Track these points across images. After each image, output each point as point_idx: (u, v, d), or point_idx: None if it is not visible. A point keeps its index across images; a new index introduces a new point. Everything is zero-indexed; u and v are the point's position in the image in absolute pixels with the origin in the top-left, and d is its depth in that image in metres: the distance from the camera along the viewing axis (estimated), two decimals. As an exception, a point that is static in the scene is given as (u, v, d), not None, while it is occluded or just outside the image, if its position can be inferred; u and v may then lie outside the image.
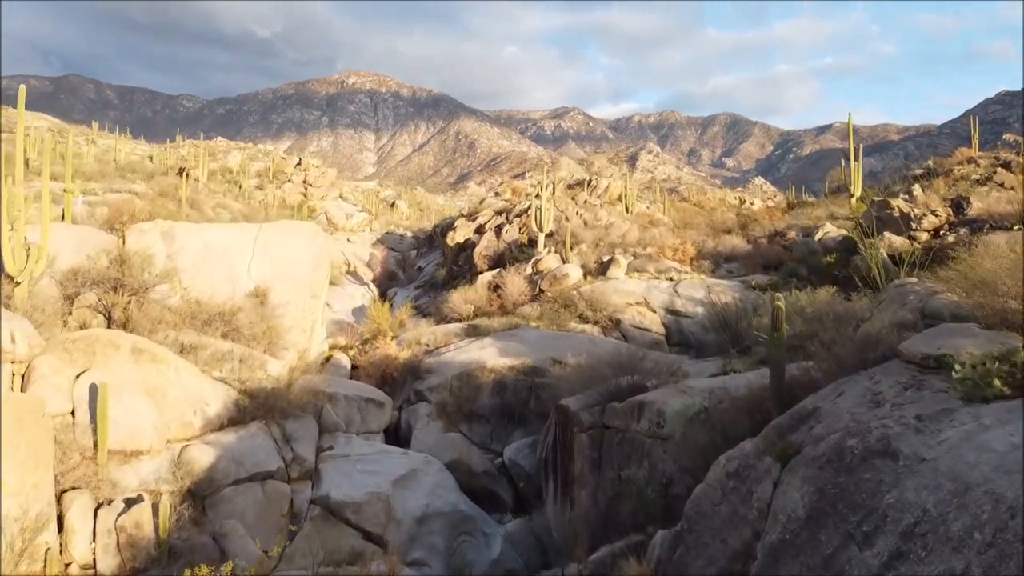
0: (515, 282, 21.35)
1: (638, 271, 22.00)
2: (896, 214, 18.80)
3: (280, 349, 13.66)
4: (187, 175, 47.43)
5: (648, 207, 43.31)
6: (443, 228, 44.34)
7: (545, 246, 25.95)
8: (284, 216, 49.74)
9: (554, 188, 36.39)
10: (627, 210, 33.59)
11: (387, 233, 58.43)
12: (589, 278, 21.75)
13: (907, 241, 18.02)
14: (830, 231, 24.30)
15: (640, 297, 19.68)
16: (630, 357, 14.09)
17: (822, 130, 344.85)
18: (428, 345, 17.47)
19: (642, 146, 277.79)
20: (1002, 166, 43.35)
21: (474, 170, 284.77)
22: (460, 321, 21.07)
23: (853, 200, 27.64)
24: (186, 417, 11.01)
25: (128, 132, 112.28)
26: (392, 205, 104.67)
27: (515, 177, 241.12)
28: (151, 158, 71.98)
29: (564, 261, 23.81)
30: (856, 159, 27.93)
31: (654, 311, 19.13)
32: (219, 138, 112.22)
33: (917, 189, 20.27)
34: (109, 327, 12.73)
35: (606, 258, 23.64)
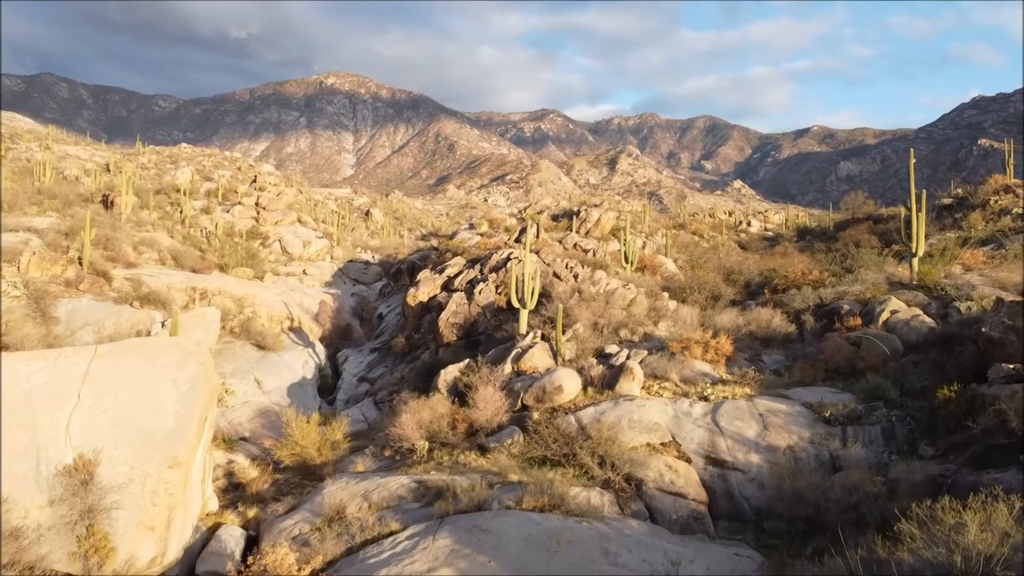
0: (488, 396, 15.39)
1: (657, 379, 16.12)
2: (1040, 322, 13.06)
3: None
4: (111, 203, 41.09)
5: (644, 244, 37.64)
6: (409, 266, 38.33)
7: (529, 327, 20.00)
8: (227, 248, 43.47)
9: (538, 230, 30.51)
10: (626, 259, 27.74)
11: (350, 261, 52.33)
12: (590, 390, 15.84)
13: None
14: (899, 311, 18.59)
15: (666, 433, 13.79)
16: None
17: (800, 134, 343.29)
18: (351, 530, 11.45)
19: (622, 149, 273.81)
20: (1046, 197, 38.12)
21: (454, 172, 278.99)
22: (411, 453, 15.10)
23: (915, 261, 21.96)
24: None
25: (88, 134, 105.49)
26: (367, 214, 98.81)
27: (495, 180, 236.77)
28: (108, 167, 65.50)
29: (554, 355, 17.88)
30: (921, 209, 22.21)
31: (688, 459, 13.25)
32: (183, 144, 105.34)
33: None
34: None
35: (610, 350, 17.77)
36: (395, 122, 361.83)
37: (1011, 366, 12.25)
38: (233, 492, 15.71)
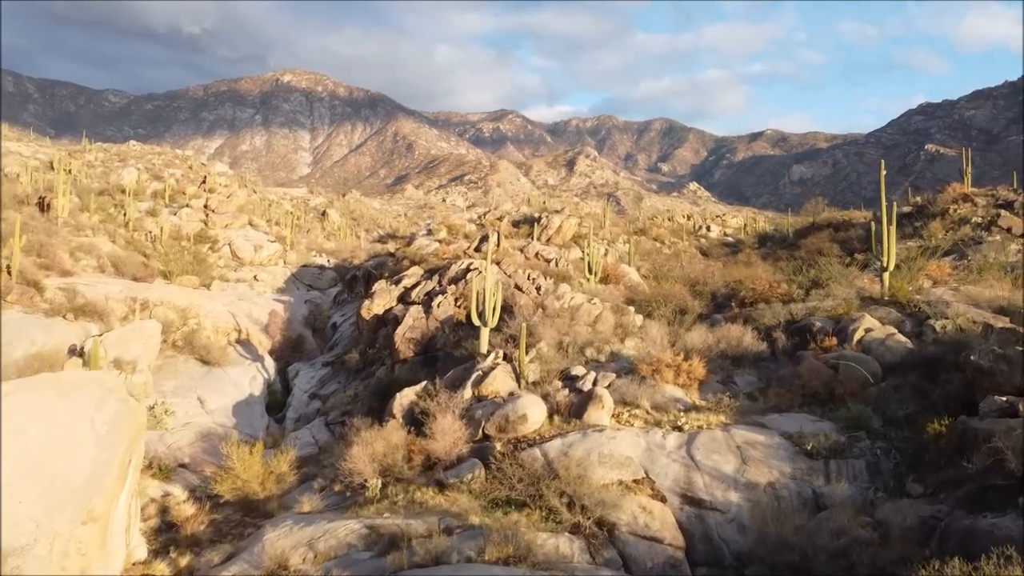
0: (446, 426, 14.29)
1: (627, 405, 15.17)
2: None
3: None
4: (48, 205, 38.96)
5: (607, 251, 36.84)
6: (364, 274, 37.01)
7: (490, 346, 18.94)
8: (173, 253, 41.56)
9: (499, 238, 29.47)
10: (589, 270, 26.84)
11: (304, 266, 50.59)
12: (556, 419, 14.83)
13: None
14: (873, 329, 17.96)
15: (638, 468, 12.84)
16: None
17: (755, 137, 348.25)
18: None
19: (580, 150, 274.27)
20: (1003, 207, 38.31)
21: (412, 172, 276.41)
22: (363, 488, 13.92)
23: (886, 276, 21.42)
24: None
25: (33, 130, 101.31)
26: (323, 214, 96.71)
27: (453, 180, 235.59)
28: (52, 164, 62.66)
29: (517, 377, 16.85)
30: (891, 222, 21.68)
31: (663, 498, 12.32)
32: (132, 142, 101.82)
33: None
34: None
35: (576, 372, 16.80)
36: (353, 121, 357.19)
37: (1004, 398, 11.56)
38: (167, 533, 14.36)
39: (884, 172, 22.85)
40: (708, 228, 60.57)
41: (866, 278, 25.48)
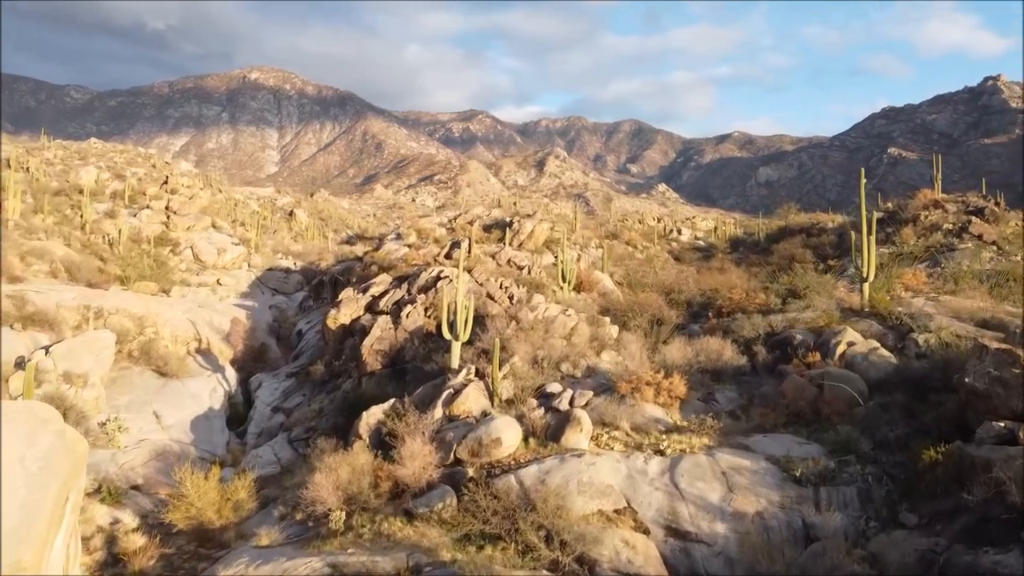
0: (415, 450, 13.46)
1: (606, 426, 14.45)
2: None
3: None
4: (-3, 207, 37.27)
5: (579, 256, 36.19)
6: (331, 279, 35.96)
7: (462, 360, 18.12)
8: (133, 257, 40.13)
9: (470, 245, 28.62)
10: (563, 278, 26.13)
11: (269, 270, 49.26)
12: (532, 442, 14.06)
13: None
14: (856, 343, 17.49)
15: (620, 497, 12.12)
16: None
17: (722, 139, 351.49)
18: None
19: (550, 151, 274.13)
20: (973, 213, 38.32)
21: (381, 172, 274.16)
22: (326, 518, 13.03)
23: (866, 287, 20.99)
24: None
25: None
26: (290, 214, 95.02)
27: (423, 180, 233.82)
28: (8, 162, 60.48)
29: (491, 395, 16.05)
30: (871, 231, 21.28)
31: (646, 530, 11.60)
32: (93, 139, 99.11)
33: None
34: None
35: (552, 389, 16.07)
36: (321, 119, 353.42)
37: (1003, 424, 11.04)
38: (113, 568, 13.35)
39: (862, 181, 22.41)
40: (679, 231, 60.24)
41: (842, 286, 25.12)
